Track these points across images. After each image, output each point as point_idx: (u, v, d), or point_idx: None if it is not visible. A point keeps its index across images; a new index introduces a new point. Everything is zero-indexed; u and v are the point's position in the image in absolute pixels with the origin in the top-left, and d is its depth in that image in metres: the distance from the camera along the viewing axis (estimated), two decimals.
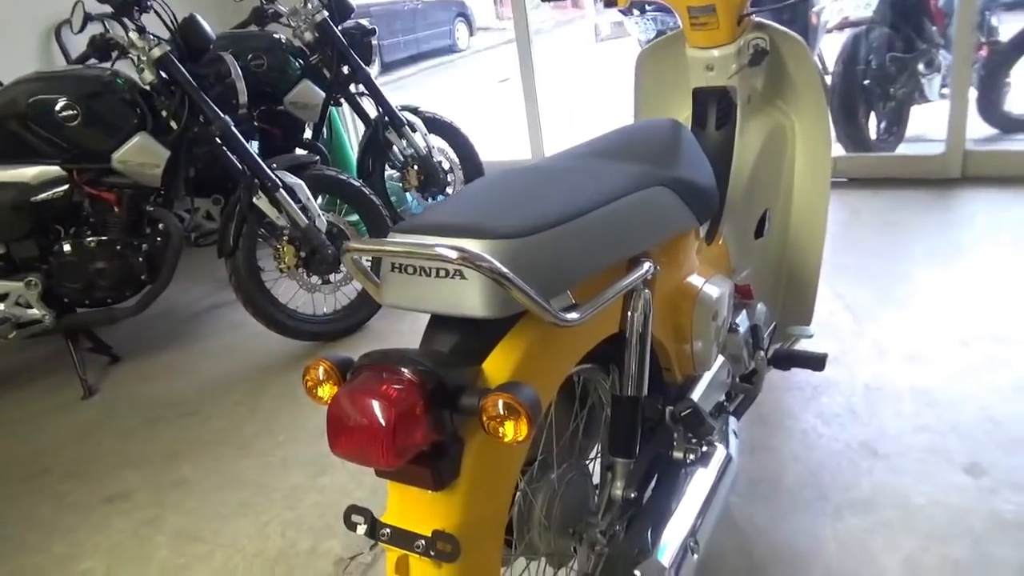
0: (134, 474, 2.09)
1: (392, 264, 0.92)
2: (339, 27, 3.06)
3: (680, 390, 1.31)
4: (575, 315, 0.91)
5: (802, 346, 1.78)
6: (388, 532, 0.89)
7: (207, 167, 2.76)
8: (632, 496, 1.14)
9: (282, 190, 2.44)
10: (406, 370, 0.83)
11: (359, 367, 0.87)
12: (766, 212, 1.75)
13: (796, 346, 1.78)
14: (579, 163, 1.19)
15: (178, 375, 2.66)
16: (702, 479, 1.21)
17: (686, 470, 1.22)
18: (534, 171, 1.13)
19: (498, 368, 0.90)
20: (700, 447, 1.24)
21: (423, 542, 0.86)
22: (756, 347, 1.53)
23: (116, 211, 2.49)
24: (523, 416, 0.80)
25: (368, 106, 3.25)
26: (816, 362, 1.65)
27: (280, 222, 2.48)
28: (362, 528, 0.90)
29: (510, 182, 1.08)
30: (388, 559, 0.90)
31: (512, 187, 1.06)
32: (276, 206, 2.45)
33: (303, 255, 2.53)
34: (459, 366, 0.89)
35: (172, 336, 2.99)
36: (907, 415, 1.78)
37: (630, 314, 1.10)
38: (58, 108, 2.35)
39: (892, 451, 1.68)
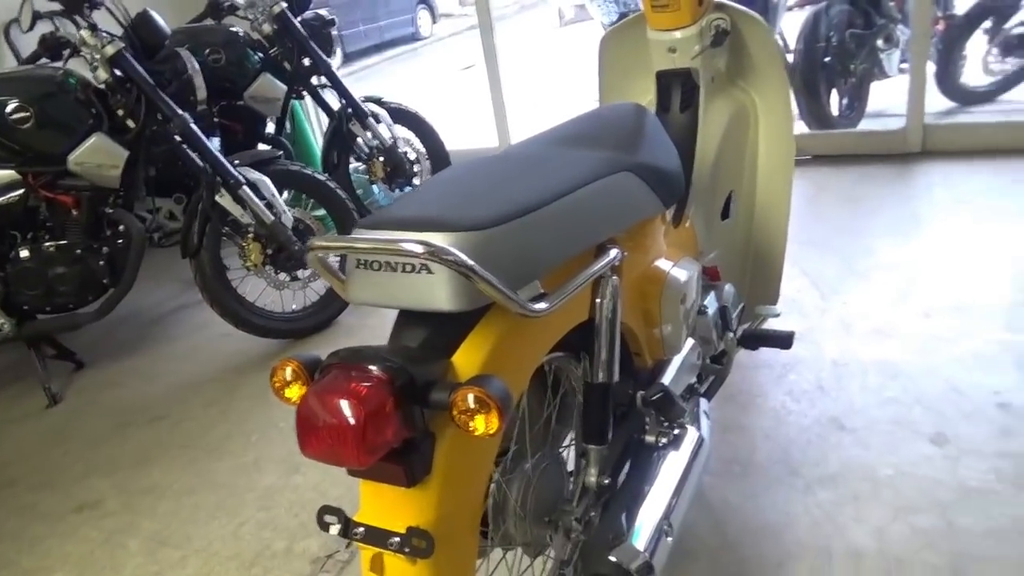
0: (103, 482, 2.06)
1: (358, 261, 0.91)
2: (298, 18, 3.01)
3: (651, 374, 1.31)
4: (543, 305, 0.90)
5: (770, 325, 1.80)
6: (362, 531, 0.88)
7: (168, 166, 2.70)
8: (606, 482, 1.14)
9: (245, 187, 2.40)
10: (374, 367, 0.82)
11: (327, 366, 0.86)
12: (731, 193, 1.76)
13: (764, 325, 1.80)
14: (544, 151, 1.18)
15: (146, 379, 2.61)
16: (675, 462, 1.22)
17: (659, 453, 1.23)
18: (499, 160, 1.12)
19: (468, 361, 0.89)
20: (672, 430, 1.24)
21: (397, 539, 0.85)
22: (725, 328, 1.54)
23: (74, 214, 2.43)
24: (494, 409, 0.80)
25: (331, 98, 3.21)
26: (783, 341, 1.67)
27: (245, 219, 2.44)
28: (335, 528, 0.89)
29: (476, 172, 1.07)
30: (363, 557, 0.90)
31: (478, 177, 1.05)
32: (240, 203, 2.41)
33: (269, 252, 2.50)
34: (429, 361, 0.88)
35: (138, 339, 2.94)
36: (873, 388, 1.82)
37: (599, 301, 1.10)
38: (9, 110, 2.28)
39: (859, 425, 1.71)
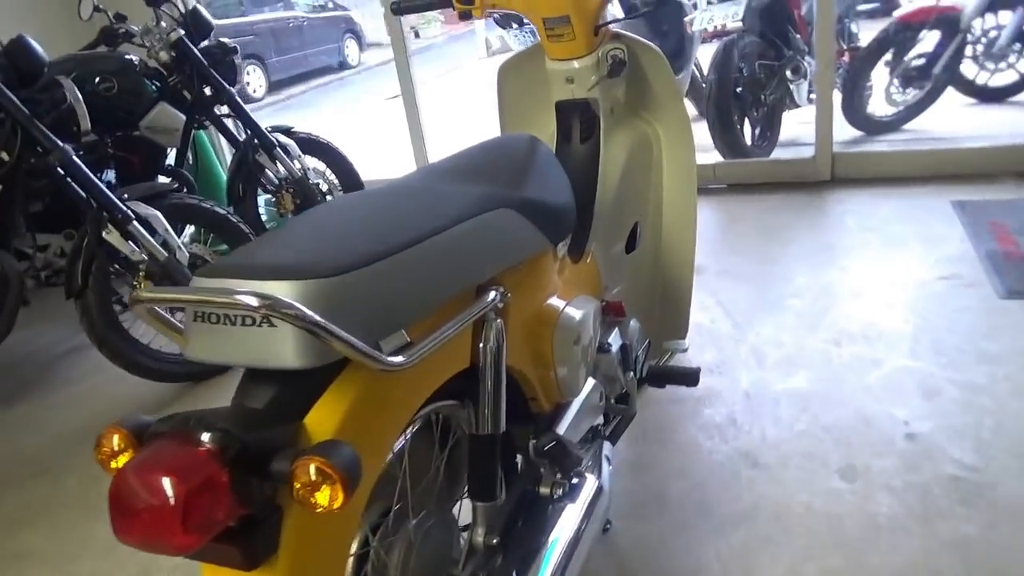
0: None
1: (195, 313, 0.81)
2: (199, 46, 2.88)
3: (549, 420, 1.24)
4: (402, 359, 0.82)
5: (680, 360, 1.76)
6: None
7: (55, 200, 2.53)
8: (494, 542, 1.06)
9: (135, 222, 2.25)
10: (204, 436, 0.72)
11: (151, 435, 0.75)
12: (637, 225, 1.72)
13: (672, 360, 1.75)
14: (424, 185, 1.10)
15: (29, 429, 2.41)
16: (570, 515, 1.14)
17: (554, 506, 1.16)
18: (374, 195, 1.04)
19: (320, 424, 0.80)
20: (568, 480, 1.17)
21: None
22: (628, 367, 1.49)
23: None
24: (337, 481, 0.71)
25: (237, 128, 3.08)
26: (689, 378, 1.62)
27: (135, 257, 2.28)
28: None
29: (344, 210, 0.99)
30: None
31: (343, 216, 0.96)
32: (130, 239, 2.26)
33: None
34: (274, 425, 0.79)
35: (23, 386, 2.72)
36: (785, 421, 1.79)
37: (481, 345, 1.03)
38: None
39: (772, 460, 1.67)
